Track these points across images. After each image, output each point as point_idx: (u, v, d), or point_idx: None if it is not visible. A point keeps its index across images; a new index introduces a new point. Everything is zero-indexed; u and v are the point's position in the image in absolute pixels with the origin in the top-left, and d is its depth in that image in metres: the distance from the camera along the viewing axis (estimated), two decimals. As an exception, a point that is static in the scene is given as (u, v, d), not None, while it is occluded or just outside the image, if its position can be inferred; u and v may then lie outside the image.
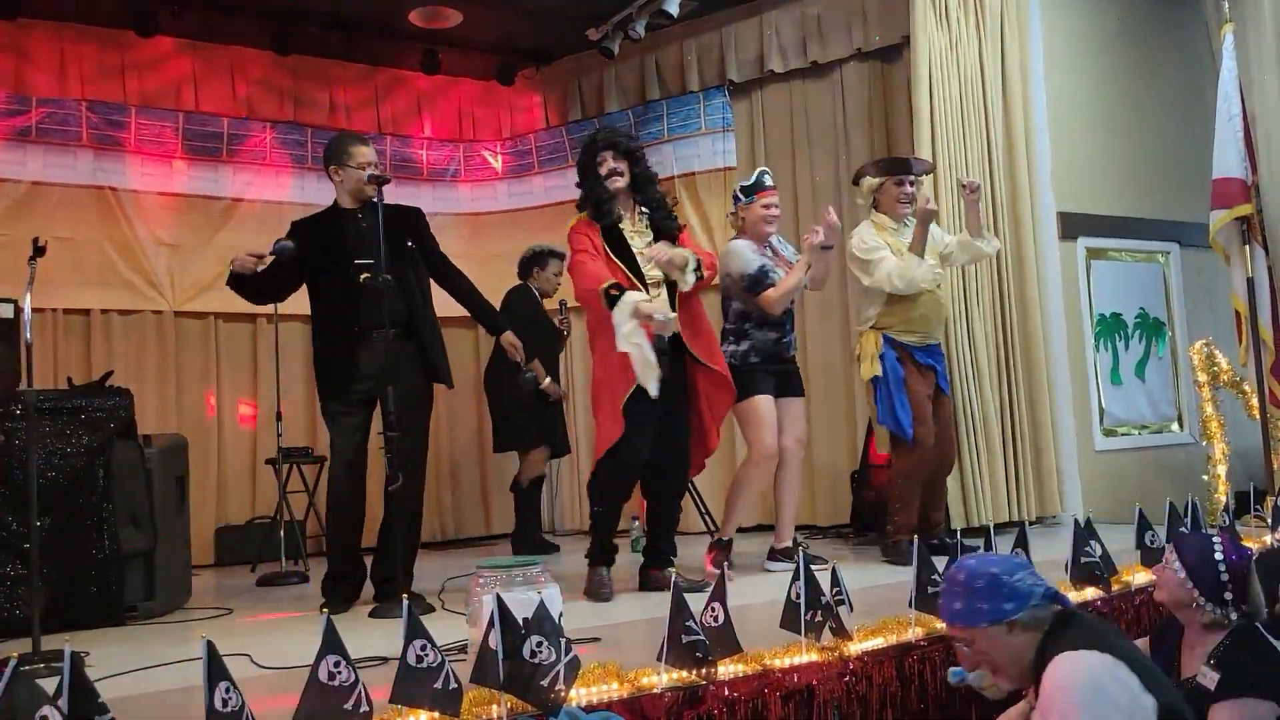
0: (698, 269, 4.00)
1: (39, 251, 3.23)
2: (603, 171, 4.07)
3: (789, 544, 4.58)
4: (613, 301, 3.85)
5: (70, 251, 6.01)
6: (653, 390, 3.81)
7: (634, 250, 4.04)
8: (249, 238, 6.47)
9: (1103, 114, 5.91)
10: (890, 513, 4.62)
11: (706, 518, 6.07)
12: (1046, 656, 2.09)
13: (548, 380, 5.71)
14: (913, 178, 4.66)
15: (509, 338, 4.36)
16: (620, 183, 4.07)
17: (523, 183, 7.49)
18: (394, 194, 4.24)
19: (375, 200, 3.95)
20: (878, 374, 4.55)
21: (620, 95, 7.21)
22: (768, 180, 4.60)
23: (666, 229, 4.12)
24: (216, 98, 6.71)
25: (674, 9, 5.95)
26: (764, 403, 4.44)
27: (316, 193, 6.42)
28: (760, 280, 4.43)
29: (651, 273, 4.02)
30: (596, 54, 6.62)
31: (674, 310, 3.99)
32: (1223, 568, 2.42)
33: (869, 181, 4.71)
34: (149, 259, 6.32)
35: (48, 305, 5.91)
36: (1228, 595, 2.41)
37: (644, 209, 4.15)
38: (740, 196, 4.62)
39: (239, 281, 4.11)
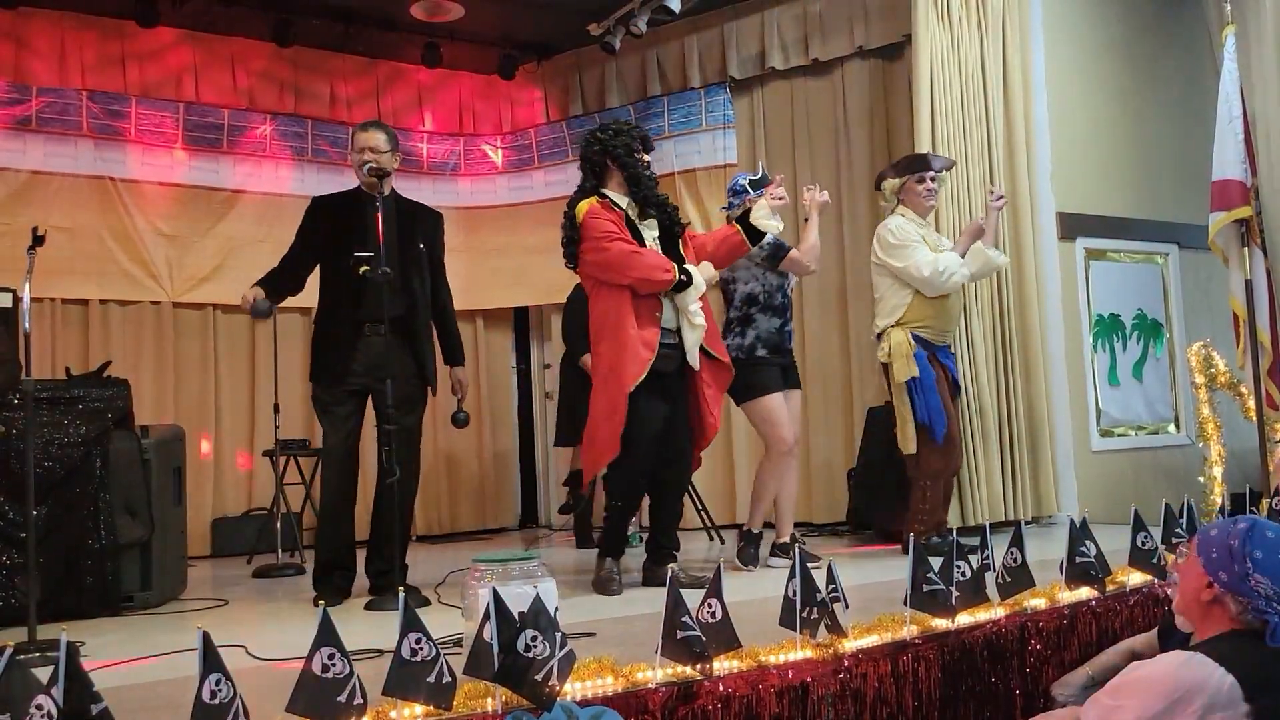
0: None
1: (38, 241, 3.23)
2: (645, 162, 4.11)
3: (788, 539, 4.60)
4: (682, 287, 3.94)
5: (69, 241, 6.02)
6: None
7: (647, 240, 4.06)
8: (248, 229, 6.51)
9: (1103, 115, 5.91)
10: (916, 513, 4.60)
11: (704, 515, 6.07)
12: (1192, 641, 2.11)
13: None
14: (933, 174, 4.67)
15: (460, 373, 4.40)
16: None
17: (523, 177, 7.49)
18: (392, 186, 4.24)
19: (380, 192, 3.95)
20: (915, 375, 4.49)
21: (621, 90, 7.20)
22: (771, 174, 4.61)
23: (672, 226, 4.14)
24: (217, 89, 6.70)
25: (675, 5, 5.95)
26: (775, 400, 4.47)
27: (316, 185, 6.42)
28: (780, 246, 4.53)
29: None
30: (598, 49, 6.63)
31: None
32: None
33: (891, 183, 4.74)
34: (148, 249, 6.32)
35: (46, 295, 5.92)
36: None
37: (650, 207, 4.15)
38: (749, 190, 4.59)
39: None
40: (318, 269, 4.24)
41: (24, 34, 6.17)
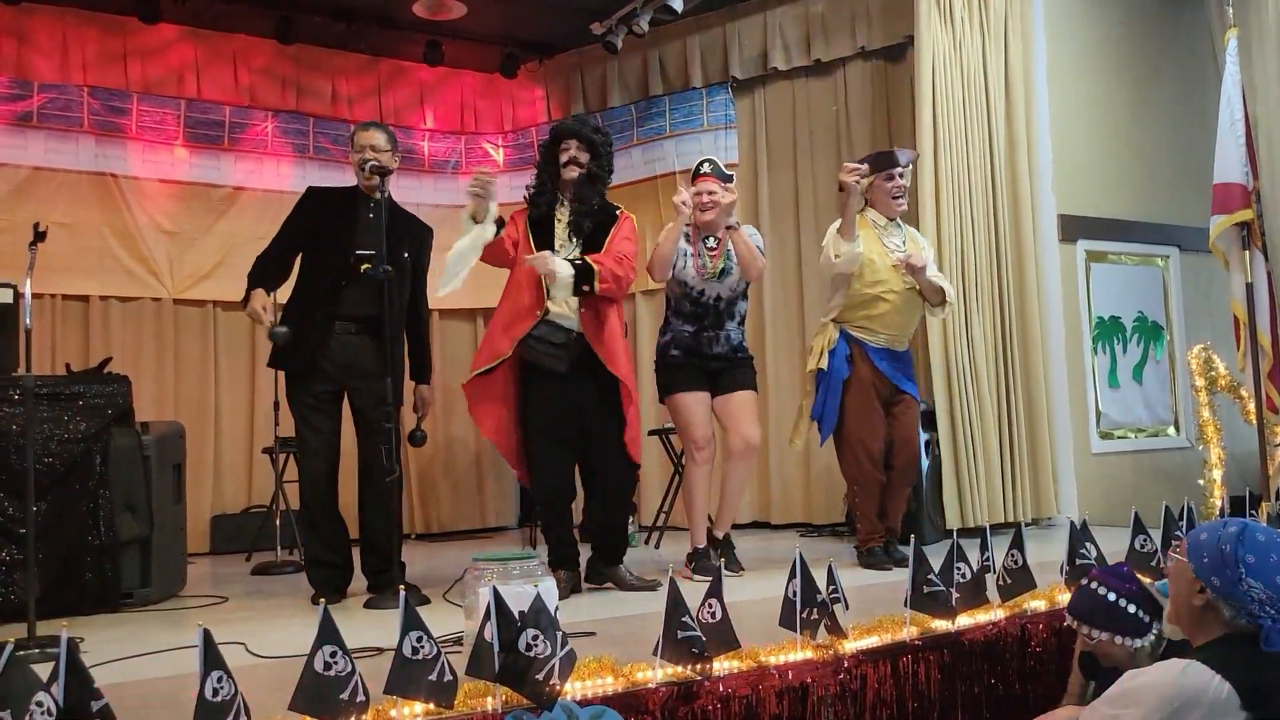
0: (587, 280, 3.89)
1: (39, 237, 3.23)
2: (562, 159, 4.05)
3: (720, 536, 4.46)
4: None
5: (70, 237, 6.01)
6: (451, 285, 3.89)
7: (557, 242, 4.02)
8: (249, 226, 6.49)
9: (1105, 117, 5.91)
10: (855, 521, 4.58)
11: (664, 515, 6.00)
12: (1183, 648, 2.10)
13: None
14: (900, 170, 4.55)
15: (425, 391, 4.38)
16: (574, 172, 4.04)
17: (524, 176, 7.37)
18: (394, 185, 4.23)
19: (380, 193, 3.95)
20: (822, 368, 4.43)
21: (623, 90, 7.20)
22: (705, 168, 4.44)
23: (589, 227, 4.05)
24: (218, 86, 6.70)
25: (678, 4, 5.95)
26: (683, 399, 4.32)
27: (317, 181, 6.38)
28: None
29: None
30: (600, 48, 6.62)
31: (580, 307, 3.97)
32: None
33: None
34: (149, 246, 6.31)
35: (47, 291, 5.91)
36: None
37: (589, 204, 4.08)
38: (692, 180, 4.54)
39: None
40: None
41: (26, 30, 6.16)
